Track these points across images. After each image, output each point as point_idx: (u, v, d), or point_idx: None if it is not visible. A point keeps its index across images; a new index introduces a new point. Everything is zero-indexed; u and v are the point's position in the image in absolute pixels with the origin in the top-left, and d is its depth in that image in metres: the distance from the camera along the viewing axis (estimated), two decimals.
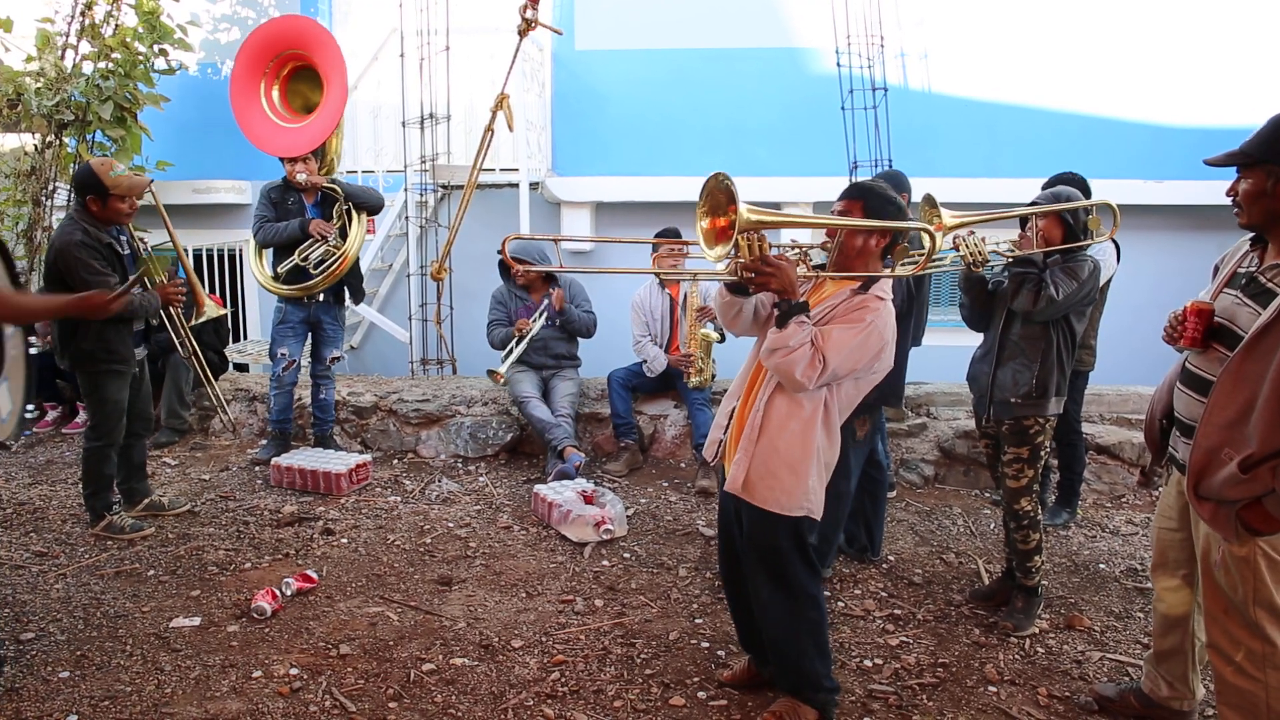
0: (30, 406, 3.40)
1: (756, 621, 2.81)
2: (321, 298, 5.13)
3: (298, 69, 5.32)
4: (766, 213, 2.35)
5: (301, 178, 4.98)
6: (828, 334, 2.46)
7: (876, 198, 2.60)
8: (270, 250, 5.18)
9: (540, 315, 5.21)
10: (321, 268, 4.99)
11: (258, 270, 5.28)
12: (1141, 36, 7.09)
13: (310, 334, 5.24)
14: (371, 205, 5.23)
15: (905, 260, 3.48)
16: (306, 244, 4.99)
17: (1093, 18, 7.13)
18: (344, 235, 5.08)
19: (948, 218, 3.35)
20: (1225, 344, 2.30)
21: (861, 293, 2.56)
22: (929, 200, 3.38)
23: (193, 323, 4.53)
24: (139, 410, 4.28)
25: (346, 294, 5.31)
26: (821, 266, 2.68)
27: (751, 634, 2.92)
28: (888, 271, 2.63)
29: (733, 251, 2.38)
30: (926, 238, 2.66)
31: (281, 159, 5.06)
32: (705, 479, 4.90)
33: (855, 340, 2.45)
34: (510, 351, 5.14)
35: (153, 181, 4.22)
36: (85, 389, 4.13)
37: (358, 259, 5.22)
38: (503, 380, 5.12)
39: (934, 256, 3.40)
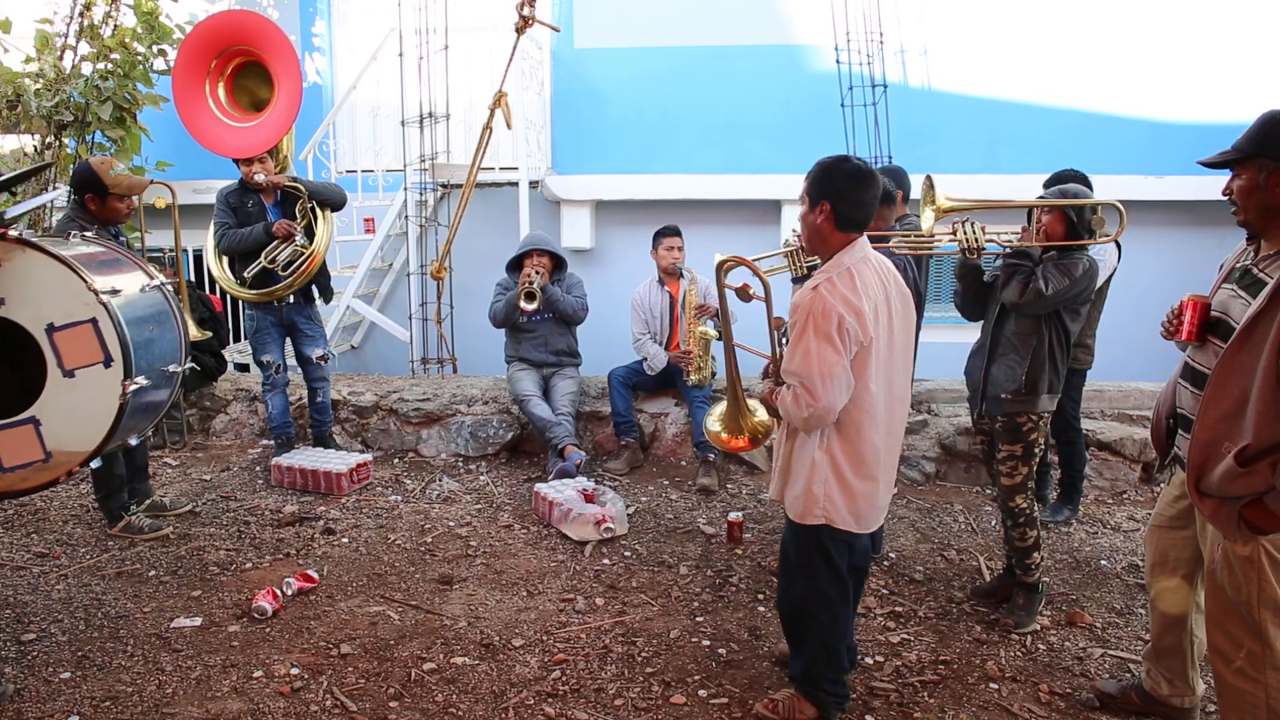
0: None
1: None
2: (292, 299, 5.01)
3: (243, 65, 5.13)
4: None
5: (260, 178, 4.85)
6: (786, 363, 2.51)
7: (817, 176, 2.60)
8: (228, 256, 5.01)
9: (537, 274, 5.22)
10: (291, 269, 4.88)
11: (221, 276, 5.11)
12: (1141, 32, 7.08)
13: (288, 337, 5.14)
14: (335, 201, 5.09)
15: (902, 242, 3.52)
16: (272, 245, 4.86)
17: (1092, 13, 7.11)
18: (309, 234, 4.97)
19: (943, 200, 3.35)
20: (1221, 337, 2.30)
21: (800, 284, 2.60)
22: (927, 182, 3.38)
23: None
24: None
25: (316, 292, 5.17)
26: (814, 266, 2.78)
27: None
28: (859, 245, 2.66)
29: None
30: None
31: (236, 160, 4.91)
32: (706, 477, 4.89)
33: (805, 339, 2.44)
34: None
35: (149, 183, 4.18)
36: None
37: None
38: None
39: (930, 238, 3.44)
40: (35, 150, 6.56)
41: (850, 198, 2.54)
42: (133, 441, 3.35)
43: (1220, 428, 2.17)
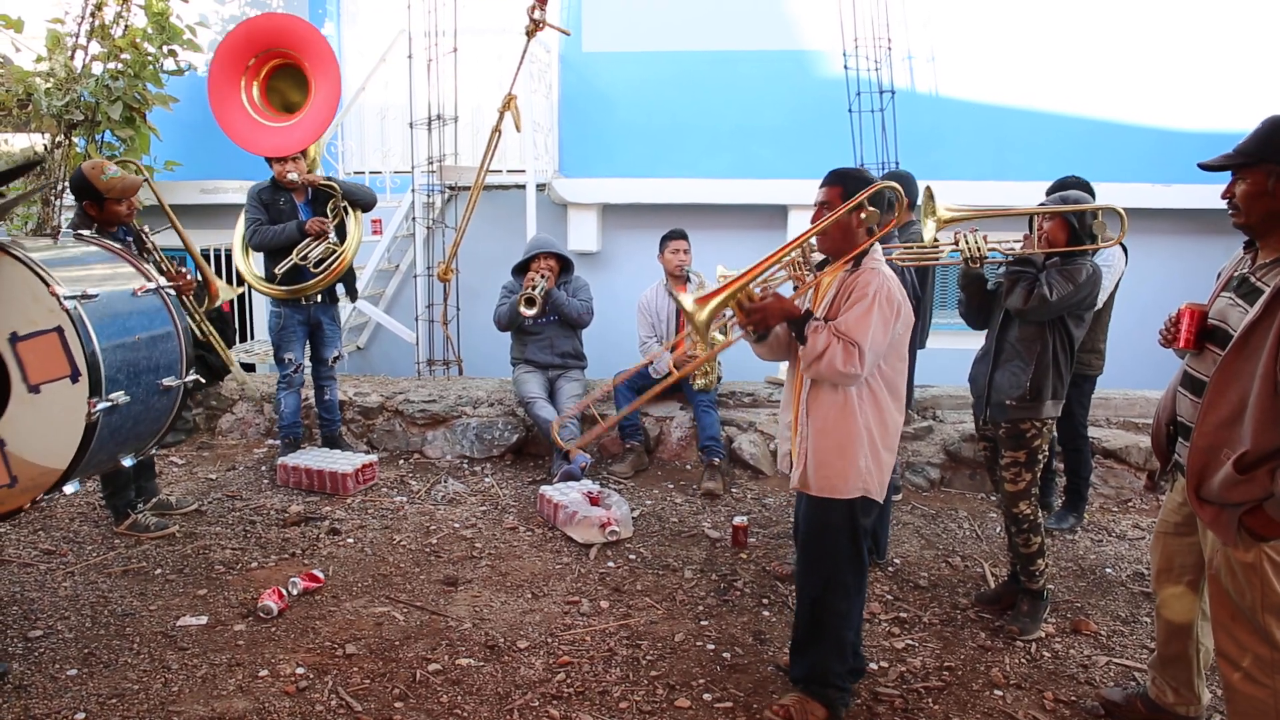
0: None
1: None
2: (320, 298, 5.08)
3: (278, 68, 5.25)
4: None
5: (293, 176, 4.91)
6: (845, 321, 2.56)
7: (853, 180, 2.71)
8: (258, 253, 5.08)
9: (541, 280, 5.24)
10: (322, 266, 4.94)
11: (249, 272, 5.19)
12: (1148, 40, 7.08)
13: (309, 335, 5.19)
14: (366, 201, 5.19)
15: (907, 254, 3.53)
16: (304, 243, 4.92)
17: (1099, 21, 7.11)
18: (340, 231, 5.04)
19: (943, 211, 3.36)
20: (1219, 345, 2.32)
21: (854, 270, 2.65)
22: (927, 193, 3.39)
23: (207, 308, 4.53)
24: None
25: (341, 292, 5.25)
26: (823, 264, 2.81)
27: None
28: (878, 244, 2.73)
29: (726, 314, 2.69)
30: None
31: (268, 159, 4.99)
32: (711, 481, 4.90)
33: (872, 314, 2.54)
34: None
35: (143, 183, 4.20)
36: None
37: None
38: None
39: (934, 248, 3.46)
40: (45, 149, 6.60)
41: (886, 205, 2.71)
42: (126, 462, 3.15)
43: (1219, 434, 2.18)
